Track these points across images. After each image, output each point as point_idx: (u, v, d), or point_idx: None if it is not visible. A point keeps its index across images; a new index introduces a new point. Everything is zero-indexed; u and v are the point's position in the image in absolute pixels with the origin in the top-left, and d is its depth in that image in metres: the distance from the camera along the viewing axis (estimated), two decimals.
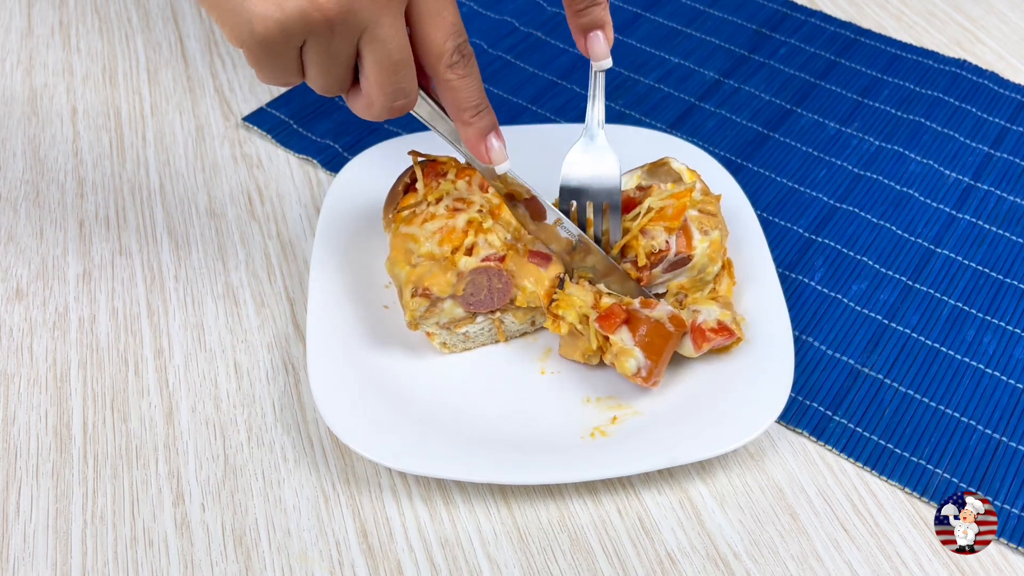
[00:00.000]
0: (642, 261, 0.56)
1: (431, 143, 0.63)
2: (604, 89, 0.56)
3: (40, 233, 0.66)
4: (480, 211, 0.56)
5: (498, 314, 0.57)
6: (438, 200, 0.57)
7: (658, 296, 0.58)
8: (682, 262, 0.56)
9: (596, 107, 0.56)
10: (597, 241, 0.58)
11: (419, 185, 0.58)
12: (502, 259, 0.55)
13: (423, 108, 0.50)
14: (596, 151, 0.56)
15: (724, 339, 0.54)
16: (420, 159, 0.59)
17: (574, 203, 0.57)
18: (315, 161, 0.71)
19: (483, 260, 0.54)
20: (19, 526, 0.50)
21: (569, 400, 0.55)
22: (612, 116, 0.75)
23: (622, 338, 0.53)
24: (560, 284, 0.56)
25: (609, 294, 0.56)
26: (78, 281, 0.63)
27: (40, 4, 0.85)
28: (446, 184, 0.57)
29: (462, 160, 0.56)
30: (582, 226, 0.57)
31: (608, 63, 0.53)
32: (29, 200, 0.68)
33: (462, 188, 0.57)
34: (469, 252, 0.54)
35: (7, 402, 0.56)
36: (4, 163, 0.70)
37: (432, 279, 0.54)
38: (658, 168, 0.60)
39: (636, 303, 0.54)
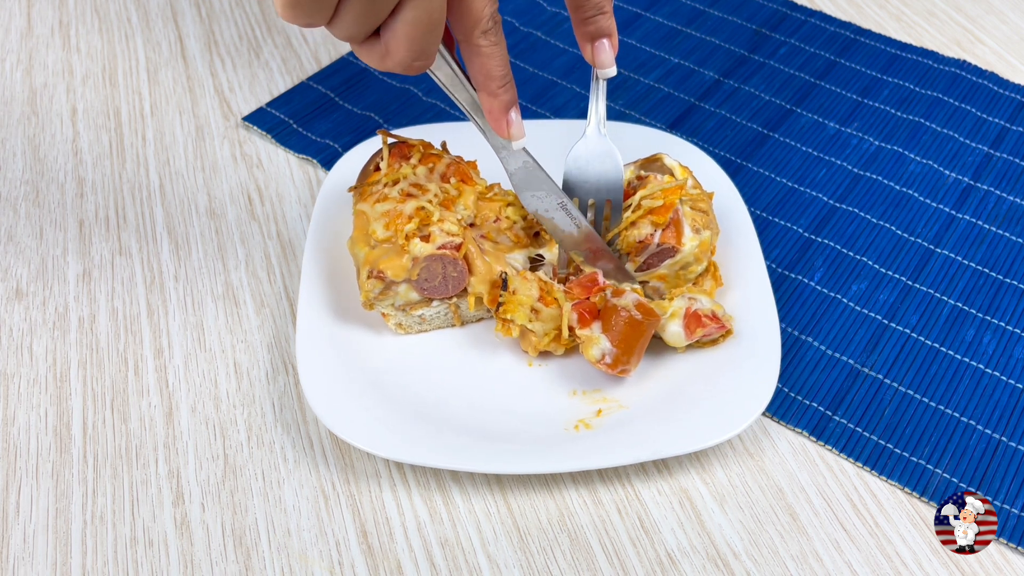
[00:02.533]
0: (625, 249, 0.56)
1: (428, 138, 0.63)
2: (606, 91, 0.56)
3: (40, 233, 0.65)
4: (431, 201, 0.56)
5: (454, 299, 0.57)
6: (395, 182, 0.57)
7: (644, 283, 0.58)
8: (667, 253, 0.56)
9: (598, 106, 0.56)
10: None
11: (382, 164, 0.58)
12: (458, 247, 0.55)
13: (444, 72, 0.49)
14: (599, 148, 0.56)
15: (716, 328, 0.54)
16: (390, 140, 0.59)
17: (576, 199, 0.57)
18: (315, 161, 0.71)
19: (439, 248, 0.54)
20: (19, 526, 0.50)
21: (556, 393, 0.55)
22: (612, 115, 0.75)
23: (591, 327, 0.54)
24: (504, 284, 0.56)
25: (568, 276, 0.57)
26: (78, 281, 0.63)
27: (40, 4, 0.85)
28: (406, 168, 0.57)
29: (479, 131, 0.54)
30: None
31: (612, 71, 0.54)
32: (29, 200, 0.68)
33: (421, 174, 0.57)
34: (426, 239, 0.54)
35: (7, 402, 0.56)
36: (4, 163, 0.70)
37: (387, 262, 0.54)
38: (651, 164, 0.60)
39: (608, 292, 0.54)
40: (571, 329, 0.54)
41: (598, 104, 0.56)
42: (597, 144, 0.56)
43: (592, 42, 0.53)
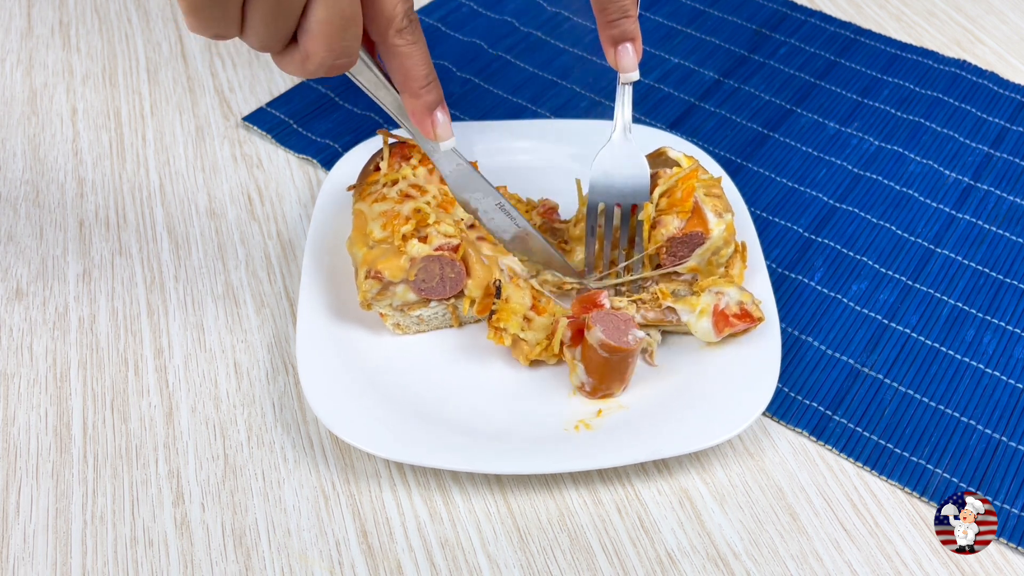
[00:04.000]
0: (653, 249, 0.56)
1: None
2: (631, 96, 0.56)
3: (40, 233, 0.66)
4: (429, 203, 0.56)
5: (452, 300, 0.57)
6: (394, 183, 0.57)
7: (676, 275, 0.58)
8: (697, 240, 0.56)
9: (624, 111, 0.56)
10: (631, 242, 0.57)
11: (382, 164, 0.58)
12: (455, 248, 0.55)
13: (365, 75, 0.48)
14: (626, 153, 0.56)
15: (745, 324, 0.54)
16: (391, 140, 0.59)
17: (602, 203, 0.57)
18: (315, 161, 0.71)
19: (437, 249, 0.55)
20: (19, 526, 0.50)
21: (556, 393, 0.55)
22: (612, 116, 0.75)
23: (573, 352, 0.54)
24: (497, 292, 0.55)
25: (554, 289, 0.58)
26: (78, 281, 0.63)
27: (40, 4, 0.85)
28: (406, 168, 0.57)
29: (405, 134, 0.52)
30: (609, 228, 0.57)
31: (636, 76, 0.54)
32: (29, 200, 0.68)
33: (420, 175, 0.57)
34: (424, 240, 0.55)
35: (7, 402, 0.56)
36: (4, 163, 0.70)
37: (385, 263, 0.54)
38: (656, 158, 0.60)
39: (585, 320, 0.54)
40: (561, 344, 0.54)
41: (624, 109, 0.56)
42: (623, 149, 0.56)
43: (615, 46, 0.53)
